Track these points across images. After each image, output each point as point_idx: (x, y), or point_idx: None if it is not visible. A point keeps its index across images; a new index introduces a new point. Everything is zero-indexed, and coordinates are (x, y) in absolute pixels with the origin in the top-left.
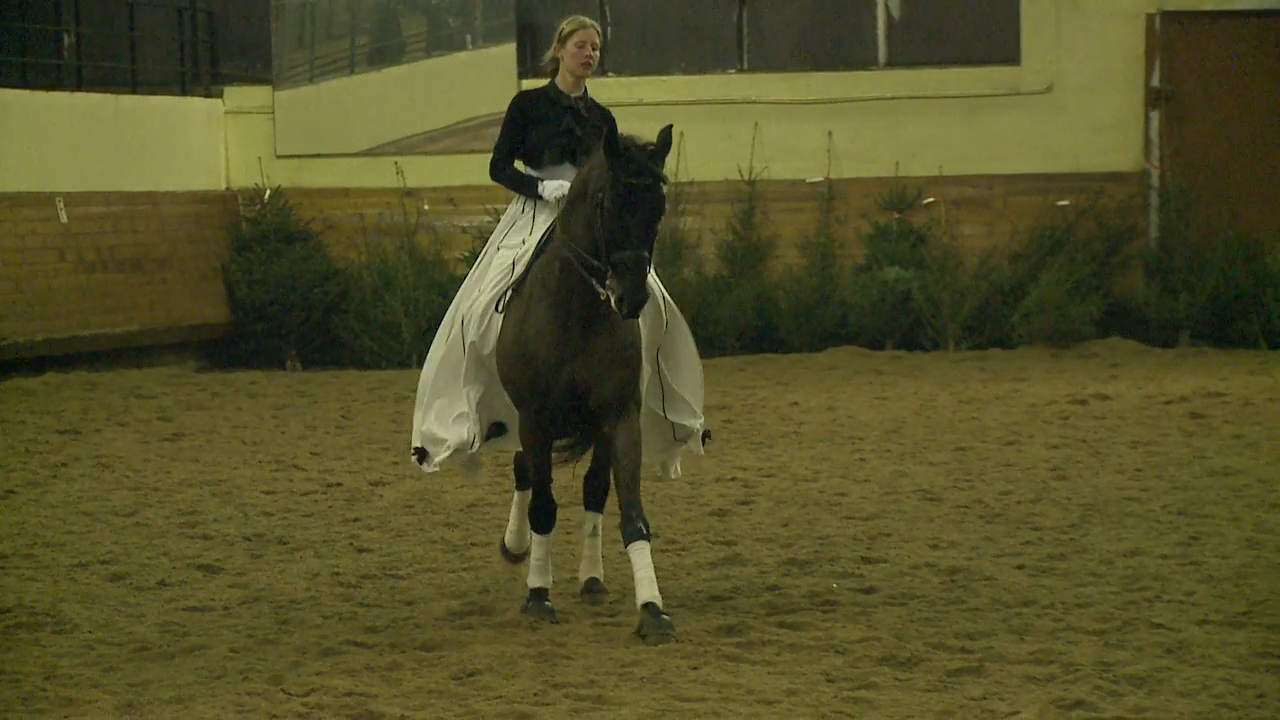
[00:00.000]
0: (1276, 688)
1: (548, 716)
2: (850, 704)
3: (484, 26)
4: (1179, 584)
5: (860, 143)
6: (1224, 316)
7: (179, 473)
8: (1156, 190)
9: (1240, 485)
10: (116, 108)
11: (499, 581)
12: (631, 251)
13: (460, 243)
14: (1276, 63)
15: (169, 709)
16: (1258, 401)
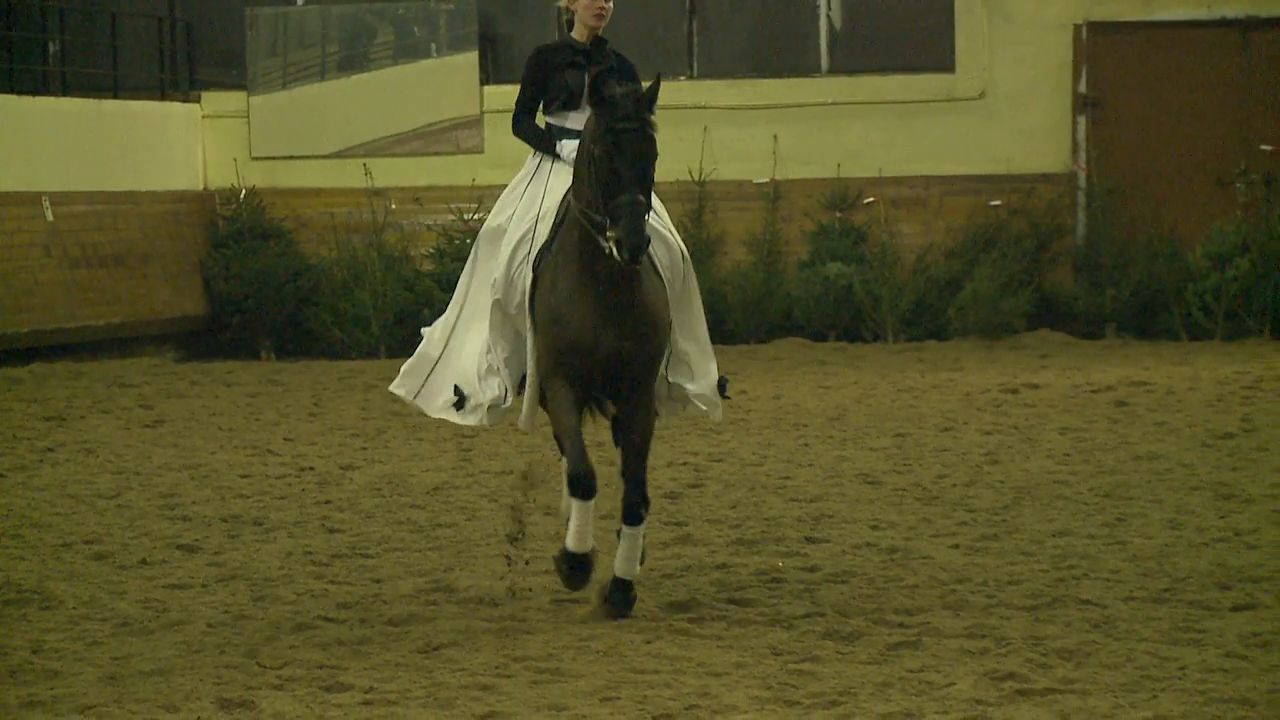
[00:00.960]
0: (1197, 660)
1: (508, 688)
2: (795, 676)
3: (448, 36)
4: (1105, 562)
5: (804, 146)
6: (1147, 310)
7: (159, 457)
8: (1083, 191)
9: (1163, 469)
10: (99, 112)
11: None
12: (626, 195)
13: (426, 240)
14: (1196, 70)
15: (150, 681)
16: (1179, 390)
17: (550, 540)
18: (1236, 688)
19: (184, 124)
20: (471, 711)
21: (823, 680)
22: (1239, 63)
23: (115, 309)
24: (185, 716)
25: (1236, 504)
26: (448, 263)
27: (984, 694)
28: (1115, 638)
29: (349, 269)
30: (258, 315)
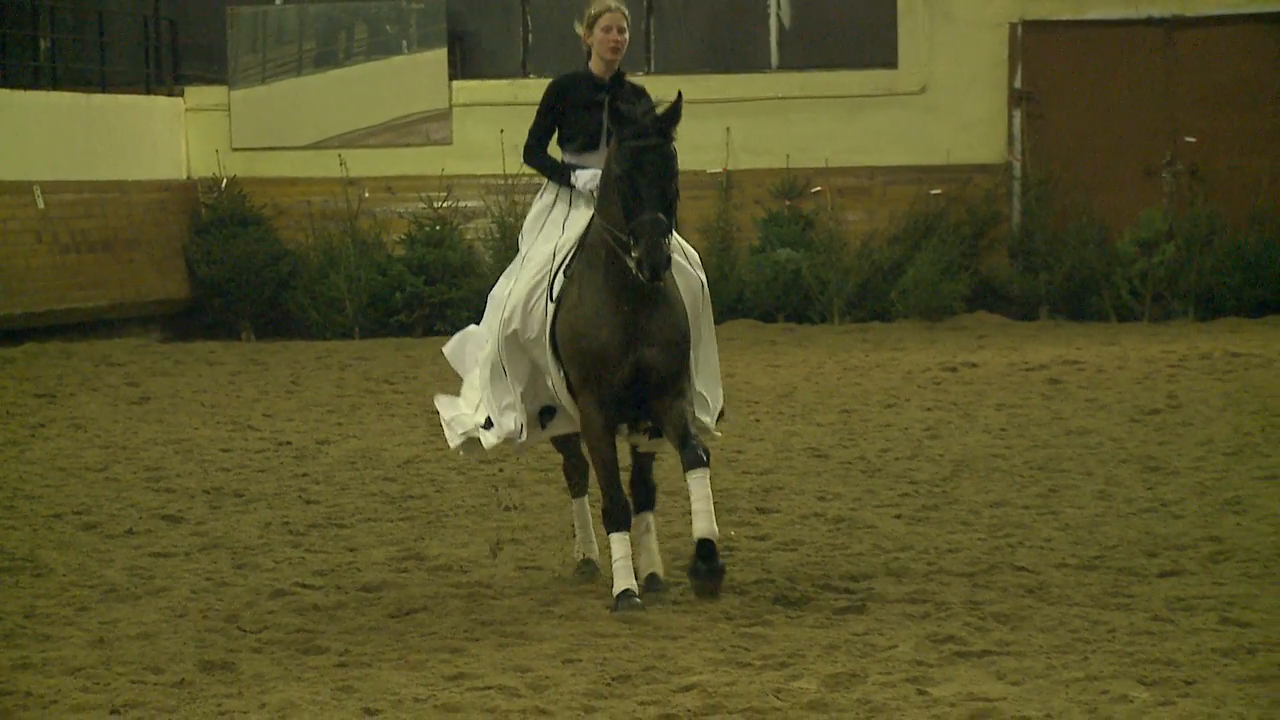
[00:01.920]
0: (1126, 623)
1: (476, 650)
2: (746, 639)
3: (418, 33)
4: (1039, 531)
5: (755, 138)
6: (1078, 293)
7: (145, 433)
8: (1018, 180)
9: (1093, 443)
10: (88, 105)
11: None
12: (647, 214)
13: (398, 226)
14: (1125, 66)
15: (136, 644)
16: (1109, 369)
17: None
18: (1163, 649)
19: (168, 117)
20: (441, 673)
21: (773, 643)
22: (1165, 59)
23: (103, 292)
24: (169, 678)
25: (1162, 476)
26: (419, 248)
27: (925, 656)
28: (1048, 602)
29: (325, 254)
30: (238, 298)
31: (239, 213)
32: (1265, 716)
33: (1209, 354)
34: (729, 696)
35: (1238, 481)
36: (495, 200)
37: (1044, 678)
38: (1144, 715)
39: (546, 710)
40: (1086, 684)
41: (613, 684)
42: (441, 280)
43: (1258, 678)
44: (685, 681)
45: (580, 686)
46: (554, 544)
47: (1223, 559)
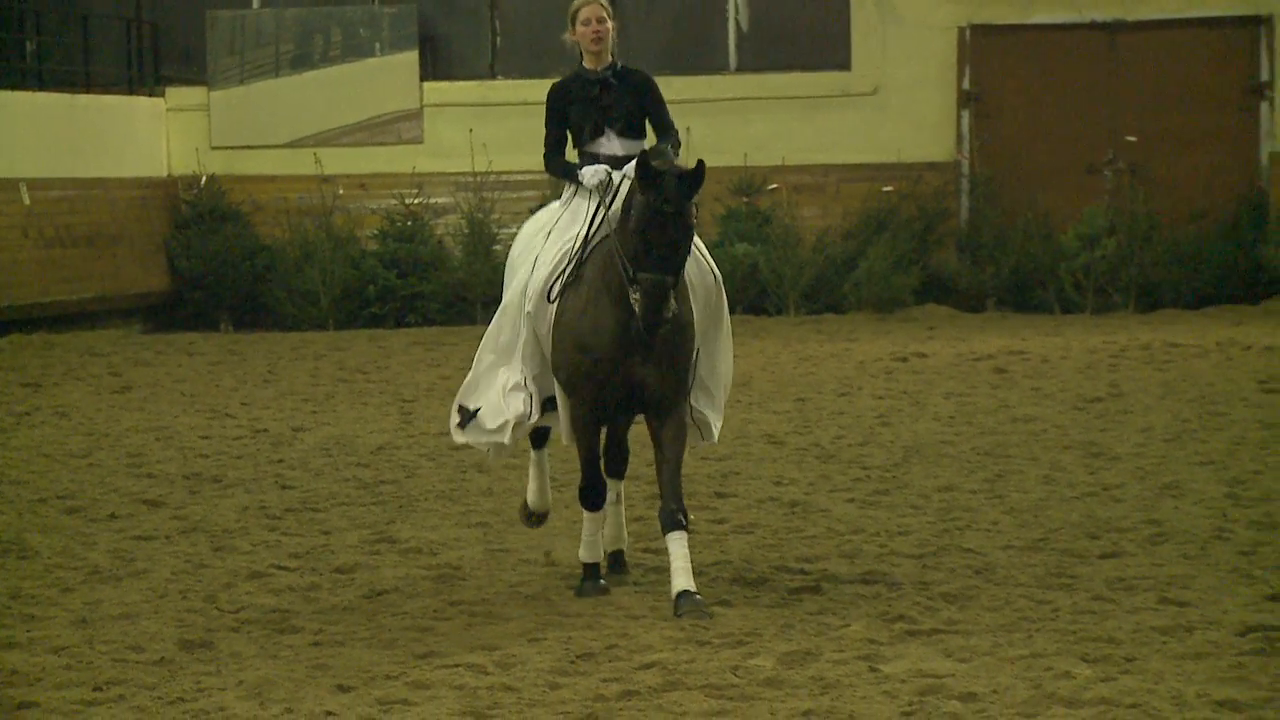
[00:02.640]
0: (1069, 603)
1: (445, 629)
2: (705, 618)
3: (390, 36)
4: (986, 514)
5: (714, 137)
6: (1024, 286)
7: (127, 420)
8: (966, 178)
9: (1038, 430)
10: (72, 105)
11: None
12: (653, 275)
13: (371, 222)
14: (1068, 69)
15: (118, 624)
16: (1053, 359)
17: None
18: (1104, 628)
19: (150, 116)
20: (411, 651)
21: (730, 622)
22: (1107, 62)
23: (87, 285)
24: (150, 656)
25: (1104, 461)
26: (390, 243)
27: (876, 634)
28: (995, 583)
29: (300, 249)
30: (217, 291)
31: (218, 209)
32: (1202, 692)
33: (1148, 345)
34: (688, 673)
35: (1176, 467)
36: (465, 197)
37: (990, 655)
38: (1086, 691)
39: (513, 687)
40: (1031, 661)
41: (576, 662)
42: (412, 274)
43: (1195, 655)
44: (646, 659)
45: (545, 664)
46: (521, 527)
47: (1161, 541)
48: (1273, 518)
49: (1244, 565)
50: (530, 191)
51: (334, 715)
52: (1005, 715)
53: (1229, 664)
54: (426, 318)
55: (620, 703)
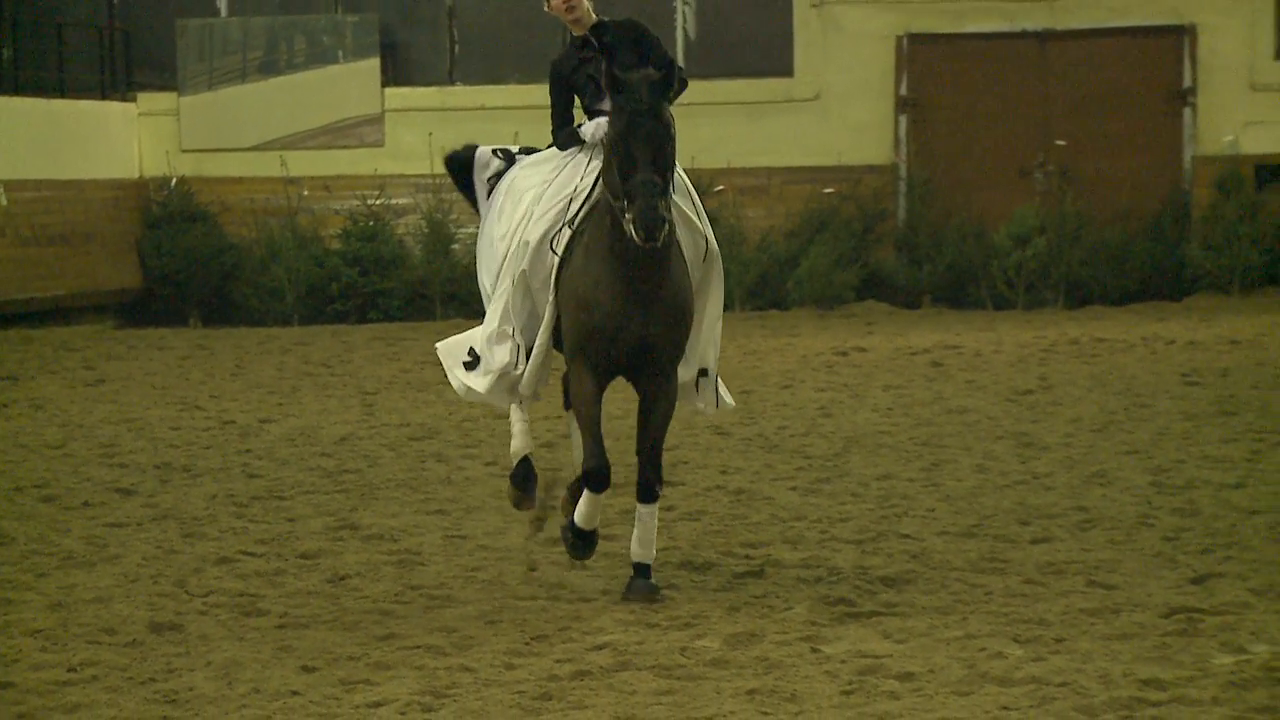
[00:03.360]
0: (1001, 586)
1: (405, 613)
2: (654, 603)
3: (353, 44)
4: (922, 502)
5: None
6: (958, 283)
7: (100, 412)
8: (904, 180)
9: (972, 421)
10: (48, 110)
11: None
12: (640, 176)
13: (334, 222)
14: (1001, 75)
15: (91, 608)
16: (985, 353)
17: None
18: (1035, 610)
19: (122, 121)
20: (373, 633)
21: (678, 605)
22: (1038, 69)
23: (62, 282)
24: (122, 638)
25: (1035, 451)
26: (353, 242)
27: (818, 616)
28: (931, 567)
29: (267, 247)
30: (187, 288)
31: (187, 209)
32: (1128, 671)
33: (1077, 339)
34: (638, 654)
35: (1103, 456)
36: (424, 198)
37: (926, 636)
38: (1017, 670)
39: (470, 667)
40: (965, 642)
41: (531, 643)
42: (374, 272)
43: (1121, 635)
44: (598, 641)
45: (501, 645)
46: (478, 514)
47: (1089, 527)
48: (1195, 505)
49: (1168, 550)
50: None
51: (299, 694)
52: (941, 694)
53: (1153, 644)
54: (388, 314)
55: (573, 682)
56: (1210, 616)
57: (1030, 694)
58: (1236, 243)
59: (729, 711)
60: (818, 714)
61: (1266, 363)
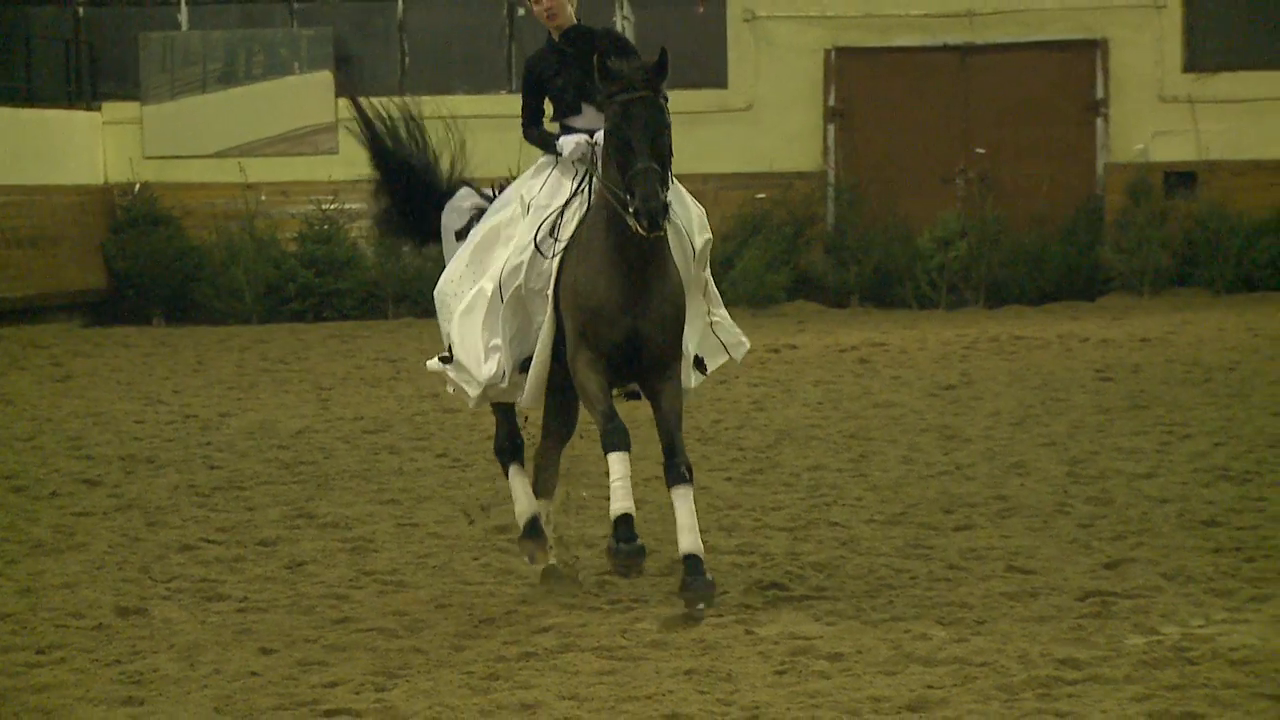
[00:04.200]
0: (925, 571)
1: (360, 597)
2: (597, 586)
3: (308, 57)
4: (851, 491)
5: None
6: (884, 284)
7: (68, 406)
8: (832, 186)
9: (898, 415)
10: (15, 118)
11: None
12: (641, 164)
13: (290, 226)
14: (924, 87)
15: (59, 593)
16: (910, 350)
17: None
18: (958, 593)
19: (87, 129)
20: (328, 617)
21: (619, 590)
22: (959, 81)
23: (30, 283)
24: (89, 622)
25: (957, 443)
26: (309, 245)
27: (751, 600)
28: (859, 553)
29: (226, 250)
30: (150, 288)
31: (150, 213)
32: (1045, 651)
33: (996, 337)
34: (581, 636)
35: (1021, 448)
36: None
37: (855, 619)
38: (941, 651)
39: (421, 649)
40: (891, 624)
41: (480, 626)
42: (329, 273)
43: (1039, 618)
44: (543, 624)
45: (451, 628)
46: (429, 504)
47: (1009, 515)
48: (1109, 494)
49: (1083, 537)
50: None
51: (258, 675)
52: (868, 673)
53: (1069, 626)
54: (342, 313)
55: (520, 663)
56: (1123, 599)
57: (953, 673)
58: (1147, 246)
59: (668, 690)
60: (752, 693)
61: (1176, 359)
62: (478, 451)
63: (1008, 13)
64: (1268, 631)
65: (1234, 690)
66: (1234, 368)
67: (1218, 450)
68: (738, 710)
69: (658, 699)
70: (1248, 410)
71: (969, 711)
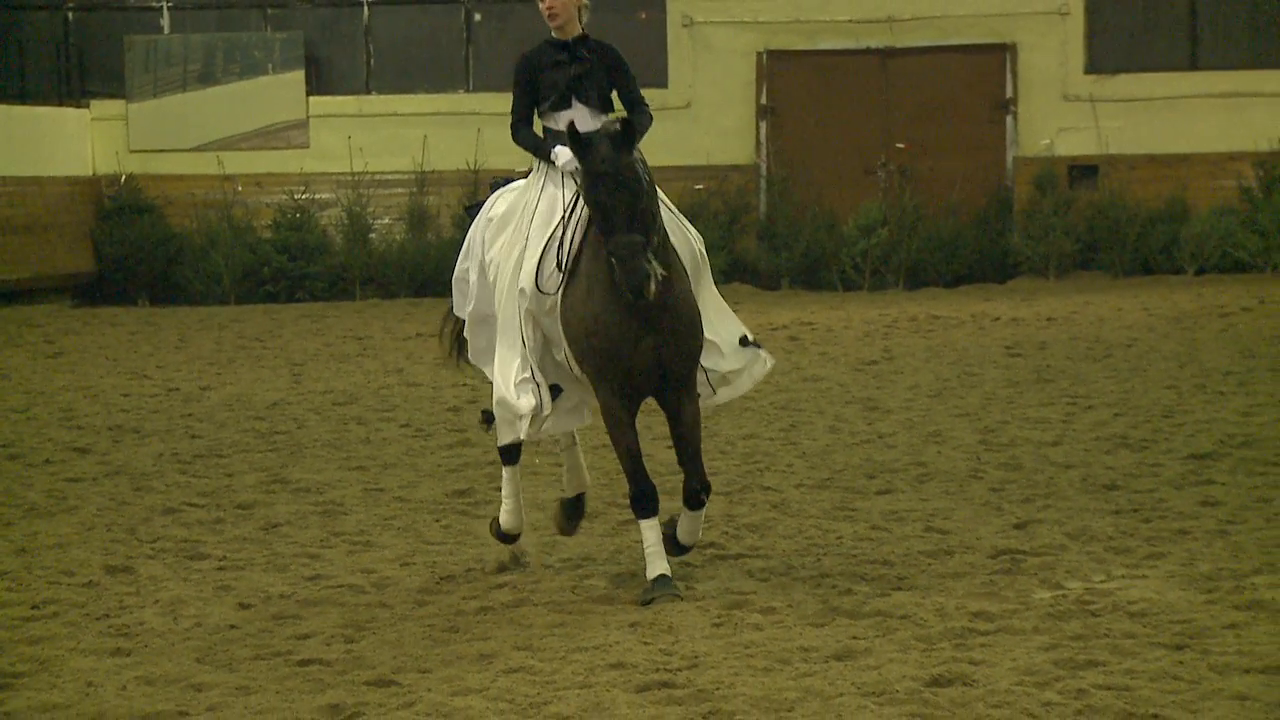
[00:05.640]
0: (851, 531)
1: (330, 556)
2: (547, 546)
3: (281, 58)
4: (782, 458)
5: None
6: (812, 268)
7: (59, 380)
8: (764, 178)
9: (825, 388)
10: (9, 115)
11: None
12: (619, 236)
13: (265, 214)
14: (848, 87)
15: (52, 553)
16: (836, 329)
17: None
18: (880, 551)
19: (77, 125)
20: (301, 574)
21: (569, 549)
22: (880, 82)
23: (24, 266)
24: (80, 579)
25: (879, 414)
26: (282, 231)
27: (691, 558)
28: (789, 515)
29: (206, 236)
30: (135, 272)
31: (136, 203)
32: (960, 605)
33: (915, 317)
34: (534, 592)
35: (938, 418)
36: (344, 193)
37: (786, 575)
38: (865, 605)
39: (387, 604)
40: (819, 580)
41: (441, 582)
42: (301, 258)
43: (954, 574)
44: (499, 580)
45: (414, 584)
46: (394, 470)
47: (927, 480)
48: (1018, 460)
49: (994, 500)
50: (400, 189)
51: (236, 628)
52: (799, 626)
53: (982, 581)
54: (313, 295)
55: (478, 617)
56: (1031, 557)
57: (876, 625)
58: (1052, 233)
59: (614, 641)
60: (691, 643)
61: (1079, 337)
62: (439, 422)
63: (924, 19)
64: (1163, 586)
65: (1132, 640)
66: (1131, 344)
67: (1117, 420)
68: (678, 659)
69: (605, 649)
70: (1144, 383)
71: (890, 660)
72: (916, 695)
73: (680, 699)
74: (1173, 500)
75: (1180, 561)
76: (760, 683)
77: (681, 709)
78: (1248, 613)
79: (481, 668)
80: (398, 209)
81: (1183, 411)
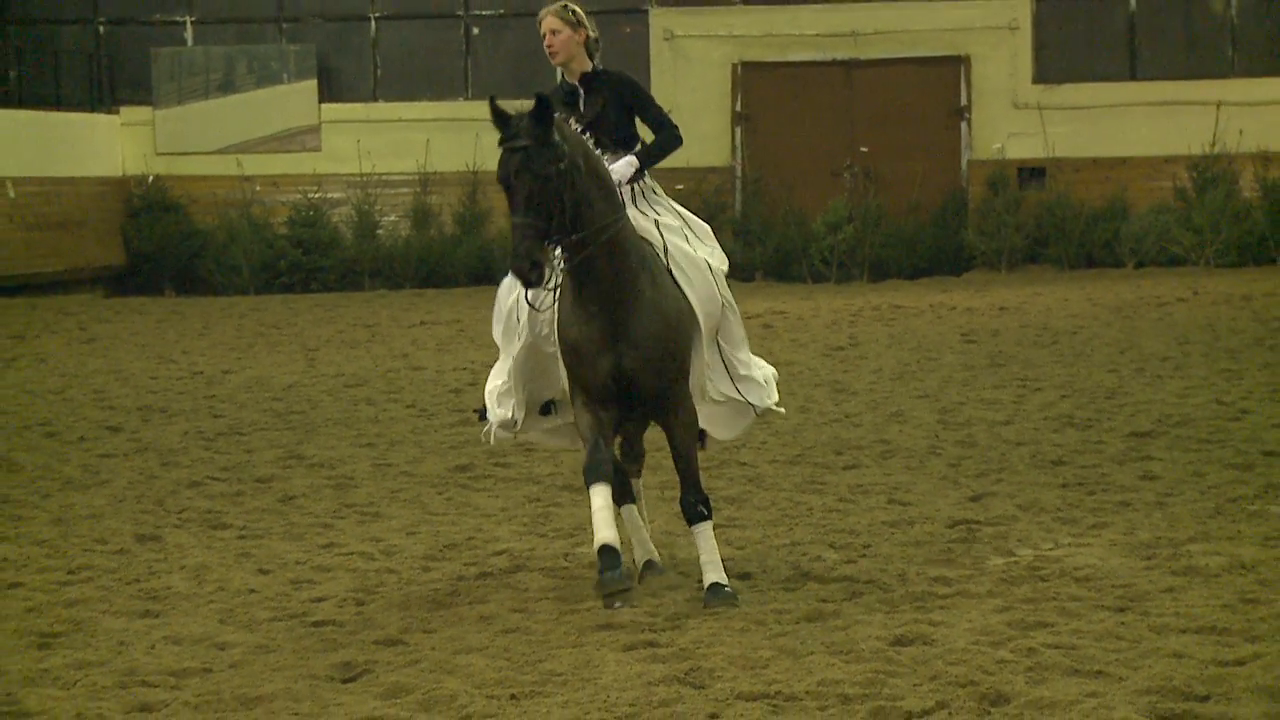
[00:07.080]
0: (820, 504)
1: (342, 526)
2: (543, 517)
3: (295, 68)
4: (756, 436)
5: None
6: (784, 263)
7: (92, 364)
8: (739, 179)
9: (796, 372)
10: (46, 120)
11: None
12: (514, 218)
13: (281, 212)
14: (816, 95)
15: (86, 523)
16: (806, 317)
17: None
18: (847, 522)
19: (108, 129)
20: (316, 542)
21: (562, 519)
22: (845, 90)
23: (60, 260)
24: (112, 547)
25: (846, 396)
26: (297, 228)
27: (673, 527)
28: (763, 489)
29: (226, 232)
30: (162, 265)
31: (162, 201)
32: (920, 571)
33: (878, 306)
34: (530, 559)
35: (900, 399)
36: (354, 193)
37: (760, 544)
38: (834, 571)
39: (394, 570)
40: (792, 548)
41: (444, 550)
42: (314, 252)
43: (915, 543)
44: (498, 548)
45: (419, 552)
46: (400, 447)
47: (890, 456)
48: (973, 438)
49: (951, 474)
50: (405, 189)
51: (256, 591)
52: (772, 590)
53: (940, 549)
54: (325, 286)
55: (478, 581)
56: (985, 527)
57: (843, 589)
58: (1004, 229)
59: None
60: (674, 605)
61: (1028, 325)
62: (441, 403)
63: (886, 33)
64: (1106, 553)
65: (1078, 603)
66: (1077, 332)
67: (1063, 401)
68: (662, 620)
69: (595, 611)
70: (1088, 368)
71: (857, 621)
72: (881, 654)
73: (664, 657)
74: (1115, 475)
75: (1122, 531)
76: (737, 642)
77: (665, 666)
78: (1184, 578)
79: (481, 628)
80: (403, 207)
81: (1124, 393)
